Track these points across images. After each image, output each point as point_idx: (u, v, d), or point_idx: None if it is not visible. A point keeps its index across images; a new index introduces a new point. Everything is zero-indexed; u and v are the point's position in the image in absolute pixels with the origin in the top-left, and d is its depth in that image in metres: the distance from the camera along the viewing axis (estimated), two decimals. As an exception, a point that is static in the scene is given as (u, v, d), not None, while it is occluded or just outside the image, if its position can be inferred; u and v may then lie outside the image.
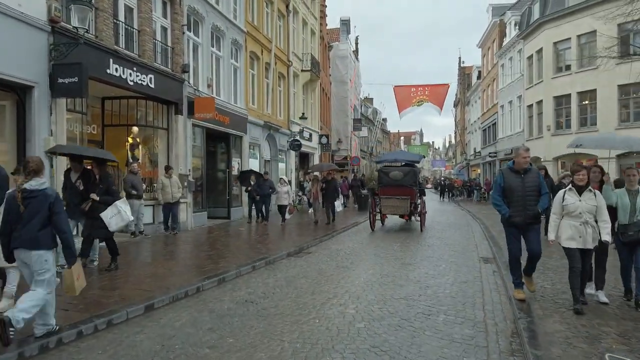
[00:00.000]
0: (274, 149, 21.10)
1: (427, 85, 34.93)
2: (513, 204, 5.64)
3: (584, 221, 5.23)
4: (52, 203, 4.22)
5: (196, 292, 6.34)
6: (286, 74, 22.37)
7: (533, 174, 5.75)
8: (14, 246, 4.21)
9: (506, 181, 5.74)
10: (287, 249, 9.92)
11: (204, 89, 14.44)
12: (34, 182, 4.24)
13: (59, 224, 4.24)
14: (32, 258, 4.16)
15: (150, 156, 12.78)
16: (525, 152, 5.81)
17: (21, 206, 4.17)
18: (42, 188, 4.26)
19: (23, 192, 4.19)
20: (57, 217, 4.24)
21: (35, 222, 4.16)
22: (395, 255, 9.52)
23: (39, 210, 4.18)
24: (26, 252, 4.17)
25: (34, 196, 4.19)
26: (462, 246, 10.94)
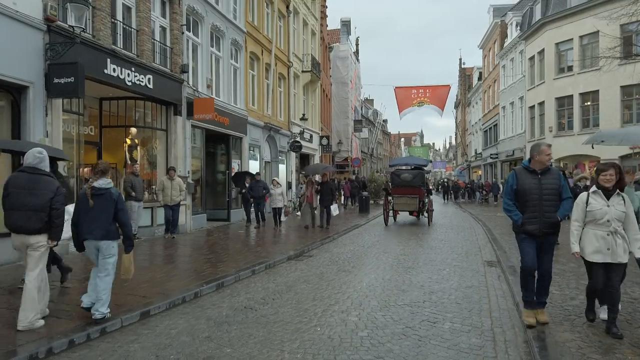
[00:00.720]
0: (274, 150, 20.93)
1: (428, 86, 34.84)
2: (528, 210, 4.82)
3: (613, 230, 4.44)
4: (116, 201, 4.92)
5: (194, 297, 6.16)
6: (286, 75, 22.21)
7: (553, 174, 4.87)
8: (86, 237, 4.89)
9: (520, 183, 4.88)
10: (287, 252, 9.74)
11: (203, 89, 14.27)
12: (102, 182, 4.92)
13: (122, 219, 4.96)
14: (101, 246, 4.90)
15: (149, 158, 12.61)
16: (549, 148, 4.86)
17: (90, 201, 4.83)
18: (107, 187, 4.93)
19: (92, 190, 4.87)
20: (120, 212, 4.95)
21: (104, 216, 4.85)
22: (397, 258, 9.34)
23: (105, 206, 4.85)
24: (97, 242, 4.89)
25: (100, 193, 4.87)
26: (466, 249, 10.76)
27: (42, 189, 4.65)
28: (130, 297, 5.84)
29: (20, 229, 4.62)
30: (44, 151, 4.89)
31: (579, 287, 6.47)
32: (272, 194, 14.25)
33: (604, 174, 4.54)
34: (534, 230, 4.80)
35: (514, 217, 4.91)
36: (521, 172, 5.00)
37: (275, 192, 14.27)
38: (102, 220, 4.84)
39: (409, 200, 16.03)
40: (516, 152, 31.70)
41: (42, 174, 4.76)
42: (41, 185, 4.66)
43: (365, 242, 11.85)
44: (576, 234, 4.65)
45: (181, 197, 11.66)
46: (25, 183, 4.65)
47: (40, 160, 4.77)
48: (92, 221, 4.83)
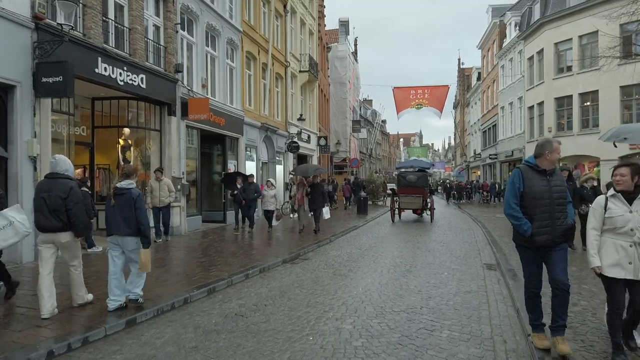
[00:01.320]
0: (272, 151, 20.72)
1: (426, 87, 34.66)
2: (537, 217, 4.08)
3: (638, 241, 3.83)
4: (135, 200, 5.32)
5: (183, 303, 5.95)
6: (284, 75, 22.01)
7: (558, 175, 4.32)
8: (112, 233, 5.38)
9: (527, 184, 4.15)
10: (282, 255, 9.54)
11: (198, 89, 14.06)
12: (124, 183, 5.45)
13: (139, 217, 5.34)
14: (125, 242, 5.36)
15: (143, 158, 12.39)
16: (559, 145, 4.31)
17: (112, 200, 5.36)
18: (129, 187, 5.42)
19: (115, 190, 5.44)
20: (138, 211, 5.34)
21: (125, 214, 5.29)
22: (394, 261, 9.14)
23: (126, 205, 5.30)
24: (121, 238, 5.37)
25: (122, 193, 5.36)
26: (464, 251, 10.56)
27: (56, 190, 5.12)
28: (116, 304, 5.62)
29: (43, 229, 5.14)
30: (57, 156, 5.46)
31: (581, 292, 6.28)
32: (265, 196, 13.43)
33: (614, 174, 4.01)
34: (545, 241, 4.08)
35: (523, 227, 4.10)
36: (528, 172, 4.24)
37: (268, 194, 13.41)
38: (124, 218, 5.31)
39: (414, 199, 17.88)
40: (515, 153, 31.53)
41: (59, 177, 5.24)
42: (56, 188, 5.14)
43: (363, 245, 11.65)
44: (595, 244, 3.98)
45: (170, 199, 11.18)
46: (44, 187, 5.22)
47: (54, 165, 5.32)
48: (116, 219, 5.35)
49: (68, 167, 5.35)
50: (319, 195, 13.30)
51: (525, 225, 4.11)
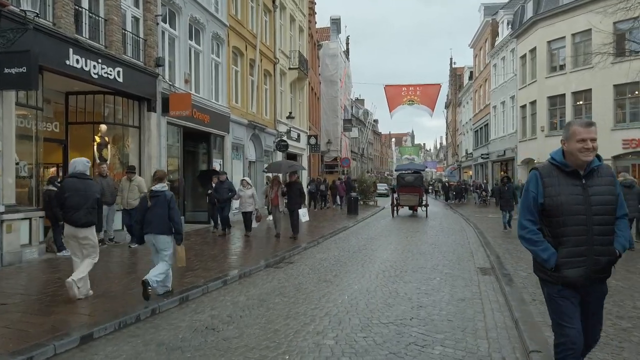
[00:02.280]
0: (260, 150, 20.17)
1: (418, 85, 34.31)
2: (567, 240, 2.90)
3: None
4: (169, 201, 5.83)
5: (150, 315, 5.41)
6: (272, 72, 21.46)
7: (603, 175, 2.96)
8: (146, 232, 5.86)
9: (549, 192, 2.94)
10: (266, 258, 9.01)
11: (181, 84, 13.48)
12: (158, 186, 5.98)
13: (173, 216, 5.85)
14: (158, 240, 5.82)
15: (120, 157, 11.79)
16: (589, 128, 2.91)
17: (149, 202, 5.86)
18: (163, 190, 5.97)
19: (151, 192, 5.95)
20: (172, 211, 5.84)
21: (160, 214, 5.77)
22: (384, 265, 8.65)
23: (161, 206, 5.79)
24: (155, 236, 5.84)
25: (157, 195, 5.89)
26: (457, 254, 10.10)
27: (90, 190, 5.82)
28: (74, 316, 5.07)
29: (82, 224, 5.72)
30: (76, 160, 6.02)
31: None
32: (242, 196, 12.08)
33: None
34: (578, 277, 2.88)
35: (542, 255, 2.94)
36: (551, 174, 2.99)
37: (245, 194, 12.07)
38: (158, 218, 5.79)
39: (411, 197, 20.58)
40: (507, 152, 31.24)
41: (86, 178, 5.91)
42: (89, 188, 5.83)
43: (352, 247, 11.15)
44: None
45: None
46: (80, 186, 5.76)
47: (87, 168, 6.01)
48: (151, 218, 5.81)
49: (85, 168, 5.97)
50: (296, 196, 11.96)
51: (545, 252, 2.93)
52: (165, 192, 5.96)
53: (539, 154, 26.22)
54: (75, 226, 5.71)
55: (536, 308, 5.49)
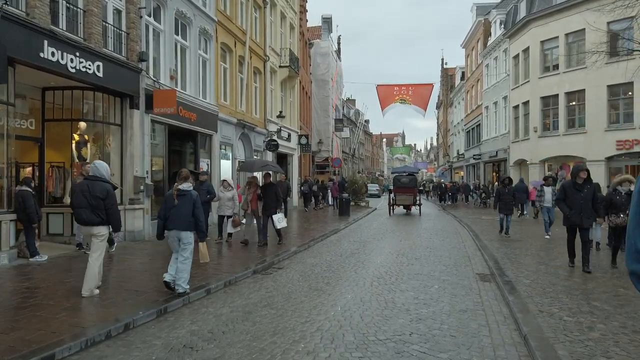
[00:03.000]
0: (249, 150, 19.63)
1: (410, 84, 33.96)
2: None
3: None
4: (194, 200, 6.16)
5: (123, 330, 4.89)
6: (262, 70, 20.93)
7: None
8: (171, 227, 6.13)
9: None
10: (254, 264, 8.52)
11: (166, 81, 12.92)
12: (185, 185, 6.24)
13: (198, 215, 6.19)
14: (182, 236, 6.11)
15: (101, 156, 11.18)
16: None
17: (175, 200, 6.12)
18: (188, 189, 6.25)
19: (178, 191, 6.19)
20: (197, 210, 6.18)
21: (185, 212, 6.10)
22: (378, 270, 8.21)
23: (186, 204, 6.09)
24: (179, 232, 6.11)
25: (183, 194, 6.17)
26: (454, 259, 9.69)
27: (94, 191, 5.94)
28: (36, 334, 4.53)
29: (84, 222, 6.05)
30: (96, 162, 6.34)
31: (593, 312, 5.41)
32: (221, 198, 11.03)
33: None
34: None
35: None
36: None
37: (225, 196, 10.96)
38: (184, 215, 6.10)
39: (406, 197, 22.40)
40: (500, 153, 31.03)
41: (97, 180, 6.08)
42: (94, 189, 5.97)
43: (344, 251, 10.69)
44: None
45: None
46: (85, 187, 6.02)
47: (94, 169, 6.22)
48: (177, 216, 6.10)
49: (104, 172, 6.21)
50: (272, 199, 10.76)
51: None
52: (191, 191, 6.28)
53: (531, 155, 26.02)
54: (80, 224, 6.24)
55: (545, 321, 5.07)
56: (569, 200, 7.64)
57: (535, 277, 7.41)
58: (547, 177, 13.39)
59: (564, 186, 7.87)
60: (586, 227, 7.60)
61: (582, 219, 7.55)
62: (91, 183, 6.05)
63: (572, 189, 7.63)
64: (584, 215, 7.53)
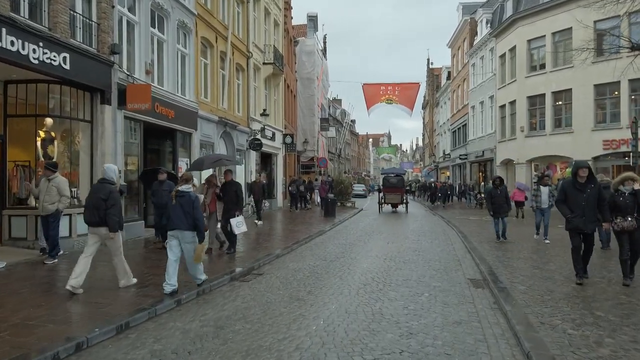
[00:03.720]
0: (231, 149, 18.98)
1: (396, 84, 33.62)
2: None
3: None
4: (193, 201, 6.25)
5: (74, 351, 4.28)
6: (245, 66, 20.30)
7: None
8: (174, 227, 6.24)
9: None
10: (232, 269, 7.94)
11: (141, 75, 12.24)
12: (184, 187, 6.39)
13: (196, 215, 6.25)
14: (184, 235, 6.24)
15: (70, 154, 10.48)
16: None
17: (175, 201, 6.25)
18: (188, 191, 6.36)
19: (177, 192, 6.34)
20: (195, 210, 6.24)
21: (185, 213, 6.19)
22: (364, 276, 7.70)
23: (186, 205, 6.20)
24: (181, 232, 6.24)
25: (182, 195, 6.29)
26: (443, 262, 9.23)
27: (99, 193, 6.16)
28: (-32, 359, 3.91)
29: (89, 223, 6.26)
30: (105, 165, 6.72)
31: (599, 324, 4.97)
32: None
33: None
34: None
35: None
36: None
37: None
38: (184, 216, 6.19)
39: (395, 196, 24.24)
40: (486, 153, 30.87)
41: (105, 182, 6.33)
42: (99, 190, 6.21)
43: (329, 254, 10.16)
44: None
45: (59, 206, 8.27)
46: (94, 189, 6.41)
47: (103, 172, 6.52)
48: (178, 216, 6.21)
49: (114, 174, 6.43)
50: (232, 199, 9.38)
51: None
52: (190, 192, 6.41)
53: (518, 155, 25.86)
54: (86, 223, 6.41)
55: (548, 335, 4.61)
56: (569, 201, 6.85)
57: (531, 283, 6.98)
58: (544, 176, 12.30)
59: (563, 186, 7.10)
60: (589, 232, 6.84)
61: (585, 223, 6.74)
62: (99, 185, 6.40)
63: (573, 189, 6.85)
64: (586, 219, 6.72)
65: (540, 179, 11.59)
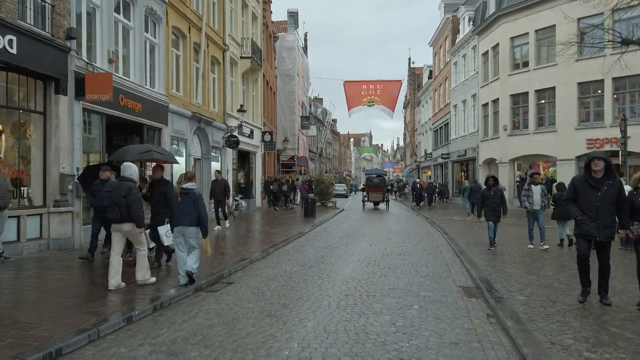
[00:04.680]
0: (206, 146, 18.00)
1: (378, 81, 33.12)
2: None
3: None
4: (197, 198, 6.63)
5: (-19, 393, 3.39)
6: (221, 60, 19.33)
7: None
8: (177, 224, 6.64)
9: None
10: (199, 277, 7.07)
11: (103, 64, 11.21)
12: (189, 184, 6.77)
13: (201, 211, 6.60)
14: (188, 230, 6.59)
15: (19, 149, 9.42)
16: None
17: (179, 198, 6.66)
18: (192, 188, 6.75)
19: (181, 190, 6.71)
20: (199, 207, 6.60)
21: (190, 209, 6.55)
22: (346, 285, 6.93)
23: (190, 201, 6.56)
24: (185, 228, 6.59)
25: (187, 192, 6.65)
26: (431, 268, 8.54)
27: (119, 190, 6.33)
28: None
29: (111, 220, 6.46)
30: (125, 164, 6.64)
31: (617, 343, 4.29)
32: None
33: None
34: None
35: None
36: None
37: None
38: (189, 212, 6.51)
39: (377, 195, 26.46)
40: (468, 152, 30.49)
41: (124, 180, 6.47)
42: (120, 188, 6.37)
43: (307, 259, 9.36)
44: None
45: None
46: (114, 187, 6.62)
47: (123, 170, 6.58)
48: (182, 212, 6.54)
49: (133, 172, 6.52)
50: (160, 200, 7.53)
51: None
52: (194, 190, 6.68)
53: (501, 154, 25.52)
54: (110, 221, 6.52)
55: (562, 358, 3.90)
56: (580, 200, 5.60)
57: (530, 292, 6.31)
58: (534, 174, 10.74)
59: (574, 181, 5.82)
60: (604, 240, 5.49)
61: (598, 229, 5.44)
62: (118, 184, 6.53)
63: (585, 186, 5.57)
64: (600, 224, 5.40)
65: (532, 177, 10.48)
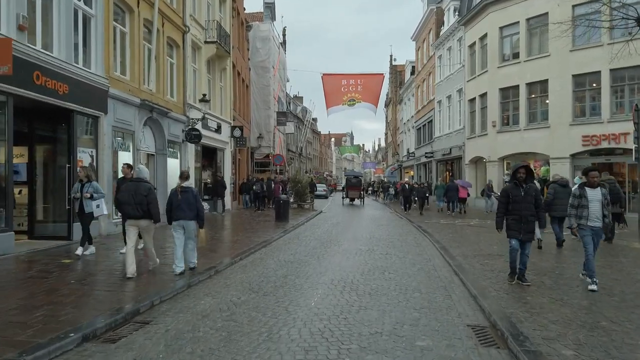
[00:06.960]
0: (161, 140, 15.66)
1: (359, 75, 31.22)
2: None
3: None
4: (195, 195, 7.37)
5: None
6: (181, 43, 17.02)
7: None
8: (177, 218, 7.23)
9: None
10: (104, 314, 4.86)
11: (11, 32, 8.85)
12: (186, 183, 7.43)
13: (199, 206, 7.34)
14: (188, 224, 7.26)
15: None
16: None
17: (179, 196, 7.21)
18: (190, 186, 7.50)
19: (181, 188, 7.28)
20: (198, 203, 7.34)
21: (188, 205, 7.19)
22: (309, 329, 4.82)
23: (189, 198, 7.22)
24: (185, 222, 7.23)
25: (186, 190, 7.28)
26: (426, 292, 6.49)
27: (138, 190, 6.92)
28: None
29: (130, 216, 7.03)
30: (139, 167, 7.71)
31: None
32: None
33: None
34: None
35: None
36: None
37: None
38: (188, 208, 7.18)
39: (354, 192, 32.14)
40: (454, 151, 28.76)
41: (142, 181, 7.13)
42: (139, 188, 6.95)
43: (265, 280, 7.21)
44: None
45: None
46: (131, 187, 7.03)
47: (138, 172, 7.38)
48: (182, 208, 7.16)
49: (146, 175, 7.35)
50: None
51: None
52: (192, 188, 7.53)
53: (489, 152, 23.79)
54: (127, 217, 7.14)
55: None
56: None
57: (576, 339, 4.30)
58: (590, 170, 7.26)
59: None
60: None
61: None
62: (137, 184, 7.04)
63: None
64: None
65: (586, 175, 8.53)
